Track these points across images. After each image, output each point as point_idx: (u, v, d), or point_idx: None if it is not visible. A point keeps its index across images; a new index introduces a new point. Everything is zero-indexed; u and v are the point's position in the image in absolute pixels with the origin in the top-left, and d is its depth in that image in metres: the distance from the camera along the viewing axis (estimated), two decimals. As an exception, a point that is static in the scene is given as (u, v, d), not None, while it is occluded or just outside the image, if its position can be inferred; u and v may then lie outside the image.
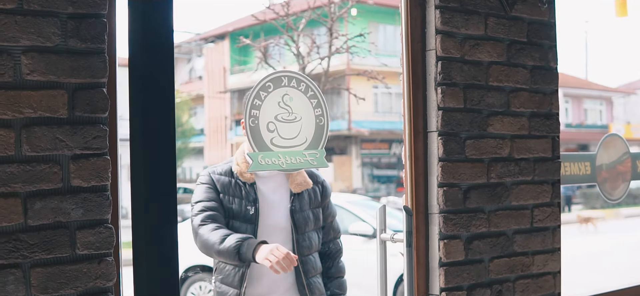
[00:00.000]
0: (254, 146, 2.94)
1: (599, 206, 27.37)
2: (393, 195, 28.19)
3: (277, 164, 3.01)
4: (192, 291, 9.99)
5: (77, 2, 2.26)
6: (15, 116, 2.18)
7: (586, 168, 3.87)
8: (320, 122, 3.06)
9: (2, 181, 2.15)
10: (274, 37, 8.42)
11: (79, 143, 2.27)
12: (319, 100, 3.06)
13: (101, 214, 2.30)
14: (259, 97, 2.96)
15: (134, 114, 2.46)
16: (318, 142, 3.05)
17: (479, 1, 3.19)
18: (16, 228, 2.18)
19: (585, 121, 41.21)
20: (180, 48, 37.95)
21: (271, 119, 3.00)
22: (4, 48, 2.16)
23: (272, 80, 2.99)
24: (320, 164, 3.09)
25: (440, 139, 3.08)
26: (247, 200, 3.48)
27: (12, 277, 2.17)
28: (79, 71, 2.26)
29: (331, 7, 7.91)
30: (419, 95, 3.10)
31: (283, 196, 3.54)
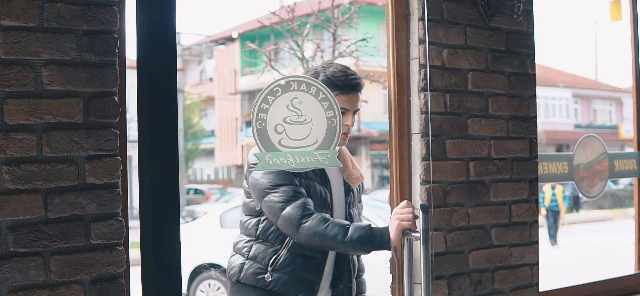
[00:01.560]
0: (261, 147, 3.01)
1: (607, 207, 27.48)
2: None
3: (286, 163, 3.07)
4: (201, 289, 10.15)
5: (91, 20, 2.52)
6: (37, 122, 2.44)
7: (564, 167, 4.11)
8: (333, 124, 3.08)
9: (25, 179, 2.42)
10: (280, 41, 8.66)
11: (93, 145, 2.53)
12: (330, 102, 3.09)
13: (113, 208, 2.56)
14: (266, 102, 3.03)
15: (141, 114, 2.72)
16: (330, 143, 3.08)
17: (459, 13, 3.45)
18: (37, 220, 2.44)
19: (594, 121, 41.17)
20: (191, 50, 38.21)
21: (279, 122, 3.05)
22: (26, 61, 2.42)
23: (281, 85, 3.08)
24: (333, 164, 3.11)
25: (423, 141, 3.34)
26: (321, 184, 3.32)
27: (34, 264, 2.43)
28: (93, 81, 2.53)
29: (335, 13, 8.14)
30: (403, 100, 3.36)
31: (341, 188, 3.39)
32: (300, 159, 3.04)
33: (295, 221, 3.17)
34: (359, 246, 3.13)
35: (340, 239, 3.13)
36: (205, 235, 10.64)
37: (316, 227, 3.14)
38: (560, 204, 18.45)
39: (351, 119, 3.21)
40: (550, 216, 18.29)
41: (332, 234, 3.12)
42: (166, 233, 2.67)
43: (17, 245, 2.41)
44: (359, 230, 3.13)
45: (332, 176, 3.34)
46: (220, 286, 10.08)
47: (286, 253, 3.26)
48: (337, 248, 3.18)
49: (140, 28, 2.67)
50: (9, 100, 2.40)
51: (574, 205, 24.06)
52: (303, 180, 3.25)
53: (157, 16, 2.71)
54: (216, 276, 10.08)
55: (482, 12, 3.49)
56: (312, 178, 3.26)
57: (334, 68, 3.25)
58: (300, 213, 3.18)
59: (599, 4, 35.79)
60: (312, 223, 3.16)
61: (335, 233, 3.12)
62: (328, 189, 3.30)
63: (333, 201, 3.31)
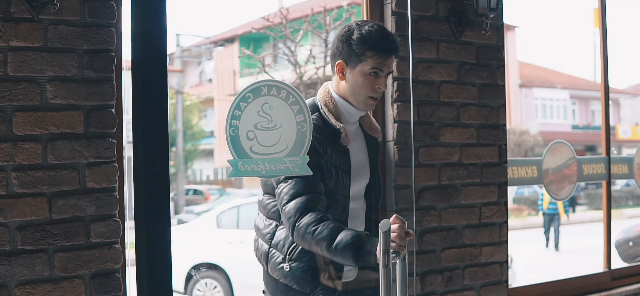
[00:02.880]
0: (234, 154, 2.96)
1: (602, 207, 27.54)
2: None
3: (257, 170, 3.00)
4: (199, 288, 10.34)
5: (91, 40, 2.77)
6: (42, 132, 2.70)
7: (533, 172, 4.35)
8: (303, 128, 2.99)
9: (32, 184, 2.67)
10: (277, 43, 8.85)
11: (92, 153, 2.78)
12: (301, 106, 2.99)
13: (110, 210, 2.82)
14: (239, 108, 2.97)
15: (135, 116, 2.88)
16: (300, 149, 2.98)
17: (431, 30, 3.69)
18: (43, 221, 2.70)
19: (592, 122, 41.16)
20: (190, 52, 38.31)
21: (251, 128, 2.98)
22: (32, 78, 2.68)
23: (252, 90, 2.99)
24: (302, 171, 2.99)
25: (396, 148, 3.59)
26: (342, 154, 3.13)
27: (39, 260, 2.69)
28: (92, 96, 2.78)
29: (326, 20, 8.39)
30: (377, 111, 3.60)
31: (364, 148, 3.24)
32: (270, 166, 2.99)
33: (292, 219, 3.01)
34: (344, 254, 2.88)
35: (326, 245, 2.92)
36: (202, 235, 10.85)
37: (305, 228, 2.96)
38: (560, 208, 18.33)
39: (384, 81, 3.06)
40: (547, 221, 18.20)
41: (321, 238, 2.93)
42: (157, 229, 2.90)
43: (25, 243, 2.66)
44: (349, 237, 2.89)
45: (356, 141, 3.17)
46: (216, 285, 10.28)
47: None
48: (327, 255, 2.94)
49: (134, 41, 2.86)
50: (17, 113, 2.65)
51: (570, 205, 24.14)
52: (328, 155, 3.06)
53: (149, 24, 2.88)
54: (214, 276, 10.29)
55: (453, 28, 3.74)
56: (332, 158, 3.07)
57: (370, 26, 3.06)
58: (299, 212, 3.00)
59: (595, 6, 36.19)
60: (304, 221, 2.98)
61: (323, 237, 2.92)
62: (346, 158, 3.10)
63: (353, 169, 3.11)
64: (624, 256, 9.88)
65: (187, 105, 35.24)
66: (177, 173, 29.77)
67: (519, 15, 51.40)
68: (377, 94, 3.06)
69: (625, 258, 9.77)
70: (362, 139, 3.22)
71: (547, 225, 18.23)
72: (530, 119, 35.68)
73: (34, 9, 2.66)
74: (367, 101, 3.08)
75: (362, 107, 3.11)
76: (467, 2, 3.74)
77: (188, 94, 36.92)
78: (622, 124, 38.61)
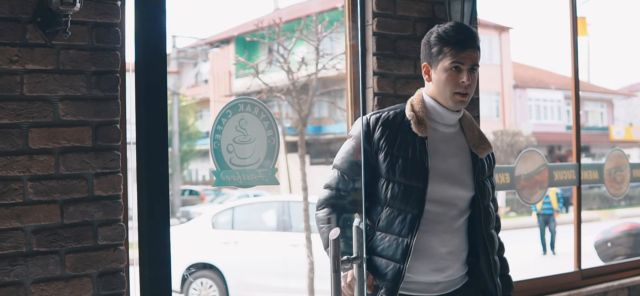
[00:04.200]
0: (216, 165, 3.17)
1: (596, 207, 27.84)
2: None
3: (235, 180, 3.23)
4: (195, 287, 10.52)
5: (98, 62, 3.07)
6: (55, 146, 2.99)
7: (506, 178, 4.66)
8: (272, 142, 3.25)
9: (46, 192, 2.96)
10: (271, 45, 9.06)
11: (100, 165, 3.08)
12: (270, 122, 3.24)
13: (115, 215, 3.11)
14: (221, 124, 3.19)
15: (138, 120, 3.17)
16: (270, 161, 3.25)
17: (410, 48, 3.97)
18: (55, 225, 2.98)
19: (585, 123, 41.26)
20: (186, 53, 38.47)
21: (230, 142, 3.19)
22: (46, 97, 2.97)
23: (231, 107, 3.20)
24: (271, 182, 3.25)
25: (376, 157, 3.89)
26: (415, 155, 3.04)
27: (52, 260, 2.98)
28: (99, 113, 3.08)
29: (318, 28, 8.65)
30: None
31: (464, 156, 3.14)
32: (246, 176, 3.21)
33: (316, 205, 3.17)
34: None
35: (323, 246, 3.07)
36: (198, 236, 11.06)
37: (317, 222, 3.14)
38: (554, 206, 17.29)
39: (466, 76, 2.98)
40: (542, 222, 17.00)
41: (323, 237, 3.09)
42: (158, 231, 3.20)
43: (39, 245, 2.95)
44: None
45: (445, 145, 3.09)
46: (212, 285, 10.50)
47: (374, 231, 3.09)
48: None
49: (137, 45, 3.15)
50: (32, 129, 2.94)
51: (564, 205, 24.22)
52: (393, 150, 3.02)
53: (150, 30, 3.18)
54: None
55: (429, 46, 4.05)
56: (400, 148, 3.02)
57: (448, 24, 3.07)
58: (319, 203, 3.16)
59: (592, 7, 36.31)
60: (319, 215, 3.14)
61: (324, 238, 3.08)
62: (424, 159, 2.99)
63: (432, 168, 2.99)
64: (602, 256, 10.10)
65: (183, 106, 35.37)
66: (173, 173, 29.98)
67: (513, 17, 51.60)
68: (461, 89, 2.99)
69: (604, 258, 9.99)
70: (460, 148, 3.11)
71: (542, 227, 17.31)
72: (524, 120, 35.85)
73: (47, 36, 2.96)
74: (454, 97, 3.01)
75: (451, 105, 3.03)
76: (442, 23, 4.03)
77: (184, 95, 37.04)
78: (616, 124, 38.75)
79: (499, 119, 34.41)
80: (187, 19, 57.74)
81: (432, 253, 3.01)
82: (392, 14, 3.94)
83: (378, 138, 3.04)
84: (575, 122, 5.38)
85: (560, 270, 5.19)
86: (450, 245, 3.02)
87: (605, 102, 43.04)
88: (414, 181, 2.97)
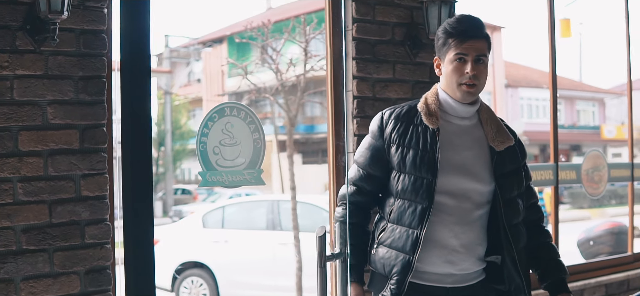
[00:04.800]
0: (203, 166, 3.29)
1: (586, 206, 27.92)
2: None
3: (221, 181, 3.33)
4: (185, 286, 10.55)
5: (85, 68, 3.19)
6: (44, 148, 3.11)
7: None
8: (258, 145, 3.36)
9: (35, 193, 3.09)
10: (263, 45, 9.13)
11: (87, 166, 3.20)
12: (256, 125, 3.35)
13: (102, 215, 3.23)
14: (207, 127, 3.32)
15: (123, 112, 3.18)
16: (256, 163, 3.36)
17: (388, 52, 4.10)
18: (44, 225, 3.10)
19: (577, 122, 41.24)
20: (178, 52, 38.51)
21: (216, 144, 3.29)
22: (35, 102, 3.09)
23: (217, 111, 3.32)
24: (257, 182, 3.37)
25: (356, 158, 4.01)
26: (426, 148, 3.04)
27: (41, 258, 3.10)
28: (86, 116, 3.20)
29: (306, 30, 8.75)
30: (340, 125, 4.01)
31: (481, 149, 3.11)
32: (233, 177, 3.32)
33: (337, 200, 3.26)
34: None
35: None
36: (188, 234, 11.10)
37: (335, 218, 3.21)
38: (548, 209, 16.90)
39: (471, 66, 2.96)
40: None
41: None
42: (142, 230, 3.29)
43: (29, 244, 3.07)
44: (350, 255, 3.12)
45: (459, 138, 3.07)
46: (202, 283, 10.57)
47: (386, 223, 3.11)
48: None
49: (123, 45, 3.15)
50: (22, 132, 3.07)
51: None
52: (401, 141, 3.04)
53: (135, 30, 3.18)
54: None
55: (408, 51, 4.16)
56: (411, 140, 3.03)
57: (453, 17, 3.09)
58: (340, 196, 3.24)
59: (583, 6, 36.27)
60: (337, 212, 3.21)
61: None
62: (433, 152, 2.98)
63: (441, 161, 2.97)
64: (585, 254, 10.19)
65: (175, 105, 35.37)
66: (166, 172, 30.01)
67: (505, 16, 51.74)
68: (466, 80, 2.98)
69: (586, 256, 10.08)
70: (476, 141, 3.09)
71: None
72: (516, 119, 35.95)
73: (36, 43, 3.08)
74: (460, 88, 3.01)
75: (459, 96, 3.03)
76: (420, 27, 4.17)
77: (177, 94, 37.03)
78: (608, 123, 38.78)
79: (491, 118, 34.41)
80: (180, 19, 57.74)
81: (443, 245, 2.99)
82: (372, 20, 4.06)
83: (390, 131, 3.07)
84: (553, 123, 5.48)
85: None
86: (463, 238, 3.00)
87: (597, 102, 43.08)
88: (423, 172, 2.97)
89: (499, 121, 3.16)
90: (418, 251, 2.94)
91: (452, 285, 3.03)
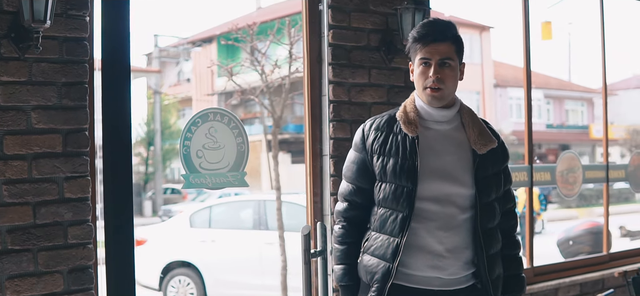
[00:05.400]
0: (186, 168, 3.41)
1: (574, 205, 28.00)
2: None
3: (205, 183, 3.45)
4: (173, 285, 10.57)
5: (68, 74, 3.30)
6: (28, 152, 3.22)
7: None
8: (241, 149, 3.47)
9: (19, 195, 3.20)
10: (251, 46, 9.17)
11: (69, 169, 3.31)
12: (240, 130, 3.46)
13: (84, 216, 3.34)
14: (190, 131, 3.44)
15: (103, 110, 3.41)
16: (239, 165, 3.49)
17: (364, 58, 4.21)
18: (28, 225, 3.21)
19: (566, 121, 41.21)
20: (168, 52, 38.46)
21: (199, 148, 3.40)
22: (20, 107, 3.20)
23: (201, 116, 3.43)
24: (241, 184, 3.47)
25: (332, 161, 4.09)
26: (405, 156, 3.01)
27: (25, 257, 3.21)
28: (69, 121, 3.31)
29: (291, 32, 8.84)
30: (317, 129, 4.12)
31: (462, 152, 3.08)
32: (216, 179, 3.43)
33: (334, 218, 3.21)
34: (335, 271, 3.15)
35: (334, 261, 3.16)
36: (176, 234, 11.12)
37: (333, 238, 3.17)
38: (536, 208, 15.59)
39: (433, 70, 2.95)
40: (523, 224, 14.86)
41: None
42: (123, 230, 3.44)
43: (13, 244, 3.18)
44: (339, 271, 3.13)
45: (440, 143, 3.04)
46: (190, 282, 10.62)
47: (371, 232, 3.12)
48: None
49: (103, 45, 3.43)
50: (6, 136, 3.18)
51: (546, 205, 24.10)
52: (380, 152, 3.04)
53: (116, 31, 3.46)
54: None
55: (383, 56, 4.27)
56: (391, 150, 3.02)
57: (420, 22, 3.12)
58: (336, 214, 3.19)
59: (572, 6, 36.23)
60: (335, 231, 3.17)
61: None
62: (413, 159, 2.96)
63: (421, 168, 2.95)
64: (565, 253, 10.31)
65: (165, 105, 35.30)
66: (155, 172, 30.02)
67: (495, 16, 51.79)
68: (430, 84, 2.97)
69: (566, 255, 10.19)
70: (458, 145, 3.06)
71: (523, 230, 15.08)
72: (504, 119, 35.97)
73: (20, 50, 3.19)
74: (425, 92, 3.00)
75: (425, 100, 3.02)
76: (395, 33, 4.29)
77: (166, 94, 36.95)
78: (596, 123, 38.82)
79: (480, 118, 34.40)
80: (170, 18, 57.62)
81: (428, 250, 2.98)
82: (347, 26, 4.17)
83: (371, 142, 3.06)
84: (527, 125, 5.56)
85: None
86: (448, 243, 2.98)
87: (586, 101, 43.14)
88: (403, 181, 2.96)
89: (482, 124, 3.13)
90: (398, 259, 2.95)
91: (440, 288, 3.02)
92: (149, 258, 10.65)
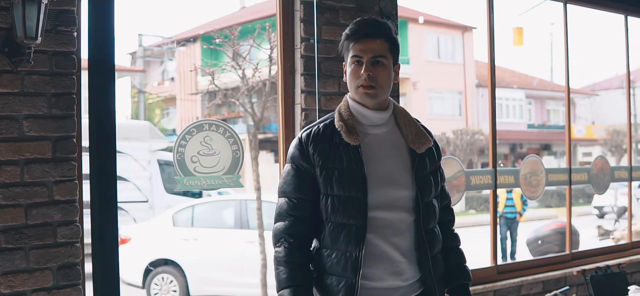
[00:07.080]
0: (180, 172, 3.53)
1: (554, 205, 28.22)
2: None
3: (200, 185, 3.56)
4: (156, 282, 10.79)
5: (57, 85, 3.51)
6: (20, 157, 3.42)
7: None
8: (237, 155, 3.60)
9: (12, 198, 3.40)
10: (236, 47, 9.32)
11: (59, 173, 3.51)
12: (235, 139, 3.63)
13: (72, 217, 3.54)
14: (184, 139, 3.60)
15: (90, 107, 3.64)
16: (234, 169, 3.63)
17: (334, 68, 4.43)
18: (21, 226, 3.41)
19: (547, 121, 41.24)
20: (152, 51, 38.45)
21: (194, 154, 3.52)
22: (12, 116, 3.41)
23: (196, 126, 3.57)
24: (236, 185, 3.60)
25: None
26: (351, 162, 2.88)
27: (18, 255, 3.40)
28: (58, 129, 3.51)
29: (271, 37, 9.03)
30: (290, 134, 4.34)
31: (401, 154, 2.99)
32: (211, 181, 3.56)
33: (273, 242, 2.94)
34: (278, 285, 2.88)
35: (277, 288, 2.89)
36: (159, 233, 11.32)
37: (275, 261, 2.91)
38: (518, 208, 14.18)
39: (365, 67, 2.86)
40: (503, 225, 13.86)
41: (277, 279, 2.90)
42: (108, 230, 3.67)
43: (7, 243, 3.38)
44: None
45: (380, 147, 2.93)
46: (173, 280, 10.78)
47: (321, 250, 2.94)
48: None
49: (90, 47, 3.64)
50: (1, 144, 3.38)
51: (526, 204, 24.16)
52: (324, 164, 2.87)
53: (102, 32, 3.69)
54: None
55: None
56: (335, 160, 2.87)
57: (354, 20, 3.00)
58: (275, 236, 2.94)
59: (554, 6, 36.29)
60: (276, 253, 2.91)
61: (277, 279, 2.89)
62: (359, 165, 2.85)
63: (368, 176, 2.85)
64: (534, 252, 10.59)
65: (149, 104, 35.31)
66: (140, 170, 30.03)
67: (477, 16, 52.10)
68: (362, 82, 2.87)
69: (534, 254, 10.46)
70: (396, 147, 2.97)
71: (504, 232, 14.19)
72: (486, 119, 35.99)
73: (13, 64, 3.41)
74: (358, 91, 2.90)
75: (359, 99, 2.93)
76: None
77: (150, 93, 36.95)
78: (578, 122, 38.96)
79: (461, 118, 34.41)
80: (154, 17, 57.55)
81: (387, 258, 2.88)
82: (318, 39, 4.39)
83: (312, 153, 2.88)
84: (492, 128, 5.74)
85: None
86: (402, 247, 2.90)
87: (567, 101, 43.18)
88: (353, 191, 2.83)
89: (417, 123, 3.05)
90: (360, 273, 2.82)
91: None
92: (132, 256, 10.81)
